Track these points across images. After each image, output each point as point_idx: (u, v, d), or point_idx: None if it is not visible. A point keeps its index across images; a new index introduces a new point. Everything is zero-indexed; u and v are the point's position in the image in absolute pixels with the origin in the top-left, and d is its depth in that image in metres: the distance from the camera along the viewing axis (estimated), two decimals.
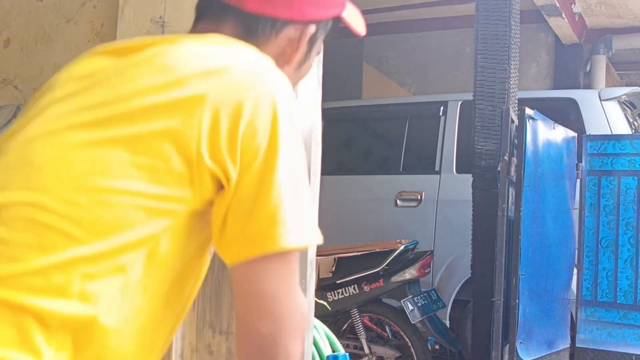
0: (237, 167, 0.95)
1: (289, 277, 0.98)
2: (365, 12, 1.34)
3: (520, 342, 3.49)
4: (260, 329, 0.97)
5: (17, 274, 0.90)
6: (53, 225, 0.92)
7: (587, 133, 4.39)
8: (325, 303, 3.90)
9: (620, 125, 4.63)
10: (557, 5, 6.07)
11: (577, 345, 4.07)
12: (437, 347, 4.36)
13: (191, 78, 0.96)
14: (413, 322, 4.06)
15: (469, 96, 4.26)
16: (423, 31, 7.54)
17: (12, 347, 0.88)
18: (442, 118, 5.19)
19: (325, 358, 2.08)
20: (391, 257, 4.14)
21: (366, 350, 4.22)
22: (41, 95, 1.06)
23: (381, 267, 4.15)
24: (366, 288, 4.18)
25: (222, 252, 0.99)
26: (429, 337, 4.26)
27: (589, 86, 6.96)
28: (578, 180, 4.14)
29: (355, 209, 5.30)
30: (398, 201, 5.14)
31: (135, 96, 0.96)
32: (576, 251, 4.14)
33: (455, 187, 4.90)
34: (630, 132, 4.62)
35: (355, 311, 4.25)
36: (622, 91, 5.01)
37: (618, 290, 4.02)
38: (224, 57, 1.00)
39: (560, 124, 4.03)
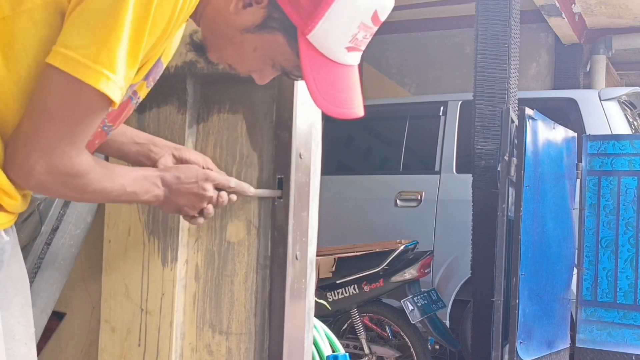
0: None
1: (70, 101, 1.04)
2: None
3: (520, 342, 3.49)
4: (22, 124, 1.06)
5: None
6: None
7: (587, 133, 4.39)
8: (325, 303, 3.90)
9: (620, 125, 4.62)
10: (557, 5, 6.07)
11: (577, 345, 4.07)
12: (437, 347, 4.36)
13: None
14: (413, 322, 4.06)
15: (469, 96, 4.26)
16: (423, 31, 7.54)
17: None
18: (442, 118, 5.19)
19: (325, 358, 2.08)
20: (391, 257, 4.14)
21: (366, 350, 4.22)
22: None
23: (381, 267, 4.15)
24: (366, 288, 4.18)
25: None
26: (429, 337, 4.26)
27: (589, 86, 6.97)
28: (578, 180, 4.14)
29: (355, 209, 5.30)
30: (398, 201, 5.14)
31: None
32: (576, 251, 4.14)
33: (455, 187, 4.90)
34: (630, 132, 4.62)
35: (355, 311, 4.25)
36: (622, 91, 5.01)
37: (618, 290, 4.02)
38: None
39: (560, 124, 4.03)
